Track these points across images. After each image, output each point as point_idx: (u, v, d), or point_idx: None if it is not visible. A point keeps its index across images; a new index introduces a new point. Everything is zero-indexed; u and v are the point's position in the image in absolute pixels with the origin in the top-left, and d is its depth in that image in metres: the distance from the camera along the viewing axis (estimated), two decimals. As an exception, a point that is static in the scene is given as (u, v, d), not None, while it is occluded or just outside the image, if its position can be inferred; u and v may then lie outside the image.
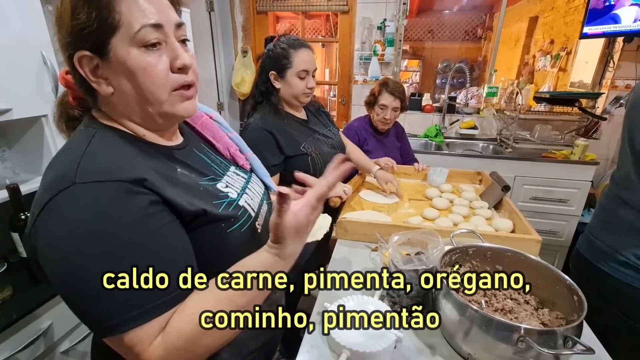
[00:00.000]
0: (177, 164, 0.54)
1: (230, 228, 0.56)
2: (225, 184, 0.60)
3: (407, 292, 0.77)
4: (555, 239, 2.20)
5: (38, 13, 1.07)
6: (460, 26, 4.76)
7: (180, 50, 0.50)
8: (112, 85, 0.48)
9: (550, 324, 0.69)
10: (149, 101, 0.49)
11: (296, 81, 1.16)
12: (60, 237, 0.41)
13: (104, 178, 0.43)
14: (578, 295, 0.66)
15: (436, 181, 1.54)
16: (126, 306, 0.42)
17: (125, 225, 0.42)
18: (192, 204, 0.50)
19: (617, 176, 1.03)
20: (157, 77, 0.48)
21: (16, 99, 1.03)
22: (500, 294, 0.77)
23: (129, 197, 0.43)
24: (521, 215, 1.14)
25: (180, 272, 0.46)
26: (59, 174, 0.44)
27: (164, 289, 0.44)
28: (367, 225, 1.10)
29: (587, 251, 1.08)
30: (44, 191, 0.44)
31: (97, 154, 0.46)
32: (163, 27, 0.48)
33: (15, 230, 1.02)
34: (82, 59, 0.46)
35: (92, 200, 0.42)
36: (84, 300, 0.42)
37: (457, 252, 0.82)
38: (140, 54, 0.46)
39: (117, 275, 0.41)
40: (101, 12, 0.44)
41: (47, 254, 0.43)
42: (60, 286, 0.43)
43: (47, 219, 0.42)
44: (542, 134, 2.39)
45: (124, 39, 0.45)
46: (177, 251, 0.48)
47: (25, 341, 0.95)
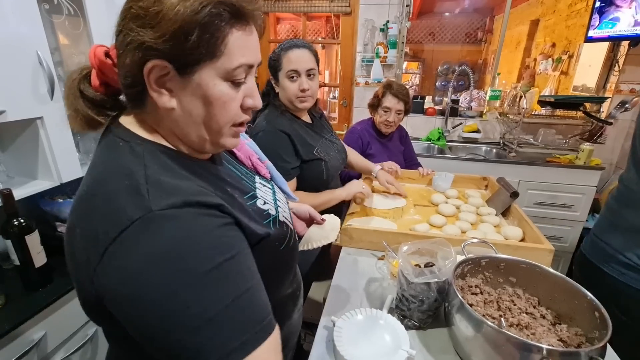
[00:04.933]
0: (225, 184, 0.51)
1: (283, 245, 0.55)
2: (262, 200, 0.57)
3: (419, 306, 0.74)
4: (560, 245, 2.17)
5: (34, 11, 1.03)
6: (460, 29, 4.76)
7: (256, 92, 0.49)
8: (177, 101, 0.44)
9: (569, 341, 0.66)
10: (211, 129, 0.47)
11: (287, 83, 1.11)
12: (143, 267, 0.37)
13: (183, 204, 0.39)
14: (600, 312, 0.63)
15: (441, 186, 1.51)
16: (227, 337, 0.37)
17: (215, 248, 0.40)
18: (258, 230, 0.48)
19: (625, 178, 1.02)
20: (230, 111, 0.46)
21: (10, 101, 0.99)
22: (515, 307, 0.74)
23: (214, 220, 0.41)
24: (531, 222, 1.11)
25: (265, 295, 0.44)
26: (126, 203, 0.39)
27: (264, 311, 0.42)
28: (373, 232, 1.06)
29: (590, 253, 1.08)
30: (109, 223, 0.38)
31: (161, 178, 0.41)
32: (254, 67, 0.47)
33: (8, 237, 0.98)
34: (156, 67, 0.41)
35: (176, 225, 0.38)
36: (180, 335, 0.37)
37: (470, 263, 0.79)
38: (227, 88, 0.45)
39: (214, 301, 0.37)
40: (212, 41, 0.41)
41: (128, 289, 0.37)
42: (145, 322, 0.38)
43: (123, 252, 0.37)
44: (545, 138, 2.37)
45: (217, 69, 0.43)
46: (258, 276, 0.45)
47: (18, 352, 0.91)
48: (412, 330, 0.76)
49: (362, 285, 0.92)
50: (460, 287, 0.78)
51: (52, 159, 1.14)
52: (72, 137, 1.19)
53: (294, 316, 0.66)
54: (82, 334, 1.13)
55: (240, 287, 0.40)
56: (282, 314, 0.63)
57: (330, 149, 1.24)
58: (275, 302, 0.57)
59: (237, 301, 0.39)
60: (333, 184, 1.26)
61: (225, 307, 0.38)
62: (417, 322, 0.75)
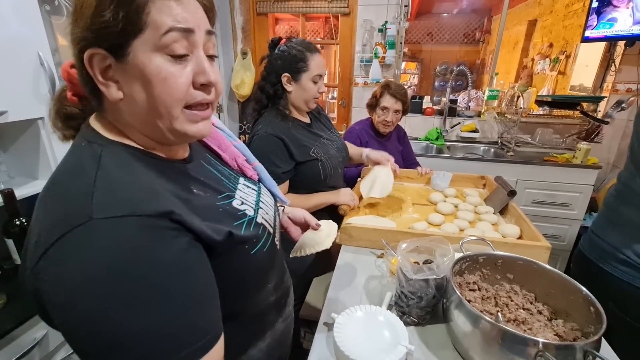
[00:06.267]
0: (192, 183, 0.50)
1: (254, 249, 0.52)
2: (240, 200, 0.56)
3: (417, 302, 0.75)
4: (557, 243, 2.18)
5: (35, 13, 1.04)
6: (458, 29, 4.78)
7: (207, 64, 0.45)
8: (123, 91, 0.43)
9: (565, 335, 0.67)
10: (160, 114, 0.44)
11: (310, 85, 1.14)
12: (77, 281, 0.35)
13: (126, 212, 0.37)
14: (595, 307, 0.64)
15: (440, 185, 1.52)
16: (158, 356, 0.36)
17: (154, 265, 0.37)
18: (217, 231, 0.46)
19: (623, 176, 1.03)
20: (176, 90, 0.43)
21: (12, 101, 1.00)
22: (513, 303, 0.75)
23: (157, 234, 0.39)
24: (528, 221, 1.12)
25: (213, 312, 0.43)
26: (69, 206, 0.38)
27: (200, 333, 0.40)
28: (372, 231, 1.07)
29: (588, 250, 1.09)
30: (51, 226, 0.37)
31: (112, 181, 0.40)
32: (193, 34, 0.43)
33: (10, 237, 0.99)
34: (94, 56, 0.41)
35: (114, 238, 0.36)
36: (106, 353, 0.35)
37: (468, 260, 0.80)
38: (163, 62, 0.42)
39: (148, 322, 0.36)
40: (130, 13, 0.39)
41: (60, 298, 0.36)
42: (75, 336, 0.37)
43: (59, 258, 0.36)
44: (543, 138, 2.38)
45: (147, 43, 0.41)
46: (209, 290, 0.43)
47: (20, 351, 0.92)
48: (411, 326, 0.77)
49: (362, 283, 0.93)
50: (458, 284, 0.79)
51: (52, 159, 1.15)
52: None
53: (277, 326, 0.64)
54: (83, 333, 1.13)
55: (176, 305, 0.38)
56: (264, 323, 0.61)
57: (329, 148, 1.25)
58: (254, 310, 0.57)
59: (170, 320, 0.37)
60: (332, 182, 1.27)
61: (157, 327, 0.36)
62: (415, 318, 0.76)
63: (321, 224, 0.80)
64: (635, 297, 0.94)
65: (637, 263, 0.93)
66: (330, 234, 0.79)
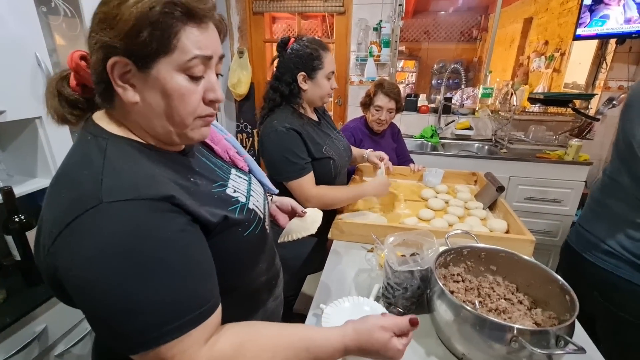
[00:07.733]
0: (190, 173, 0.55)
1: (247, 232, 0.57)
2: (233, 188, 0.61)
3: (403, 293, 0.78)
4: (550, 239, 2.22)
5: (32, 14, 1.06)
6: (455, 27, 4.78)
7: (217, 85, 0.52)
8: (141, 96, 0.48)
9: (543, 323, 0.70)
10: (174, 122, 0.50)
11: (325, 82, 1.16)
12: (92, 255, 0.41)
13: (133, 196, 0.42)
14: (570, 295, 0.66)
15: (432, 182, 1.55)
16: (165, 319, 0.42)
17: (159, 241, 0.43)
18: (213, 214, 0.51)
19: (608, 170, 1.06)
20: (190, 104, 0.49)
21: (10, 101, 1.02)
22: (495, 294, 0.78)
23: (160, 214, 0.44)
24: (515, 215, 1.15)
25: (211, 284, 0.48)
26: (80, 192, 0.43)
27: (201, 300, 0.45)
28: (363, 226, 1.10)
29: (574, 242, 1.12)
30: (63, 211, 0.42)
31: (118, 169, 0.45)
32: (211, 60, 0.50)
33: (9, 233, 1.01)
34: (117, 63, 0.45)
35: (122, 218, 0.41)
36: (120, 317, 0.41)
37: (452, 252, 0.83)
38: (183, 81, 0.48)
39: (155, 290, 0.42)
40: (164, 36, 0.45)
41: (76, 272, 0.41)
42: (91, 304, 0.42)
43: (73, 238, 0.41)
44: (536, 135, 2.41)
45: (172, 62, 0.46)
46: (207, 265, 0.49)
47: (19, 345, 0.95)
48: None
49: (352, 276, 0.96)
50: (443, 276, 0.82)
51: (50, 157, 1.17)
52: (70, 135, 1.22)
53: (268, 304, 0.70)
54: (82, 328, 1.16)
55: (179, 276, 0.44)
56: (257, 301, 0.67)
57: (337, 147, 1.27)
58: (248, 288, 0.63)
59: (174, 289, 0.43)
60: (340, 181, 1.30)
61: (163, 294, 0.42)
62: (401, 308, 0.79)
63: (307, 211, 0.85)
64: (619, 287, 0.96)
65: (620, 254, 0.96)
66: (316, 220, 0.84)
